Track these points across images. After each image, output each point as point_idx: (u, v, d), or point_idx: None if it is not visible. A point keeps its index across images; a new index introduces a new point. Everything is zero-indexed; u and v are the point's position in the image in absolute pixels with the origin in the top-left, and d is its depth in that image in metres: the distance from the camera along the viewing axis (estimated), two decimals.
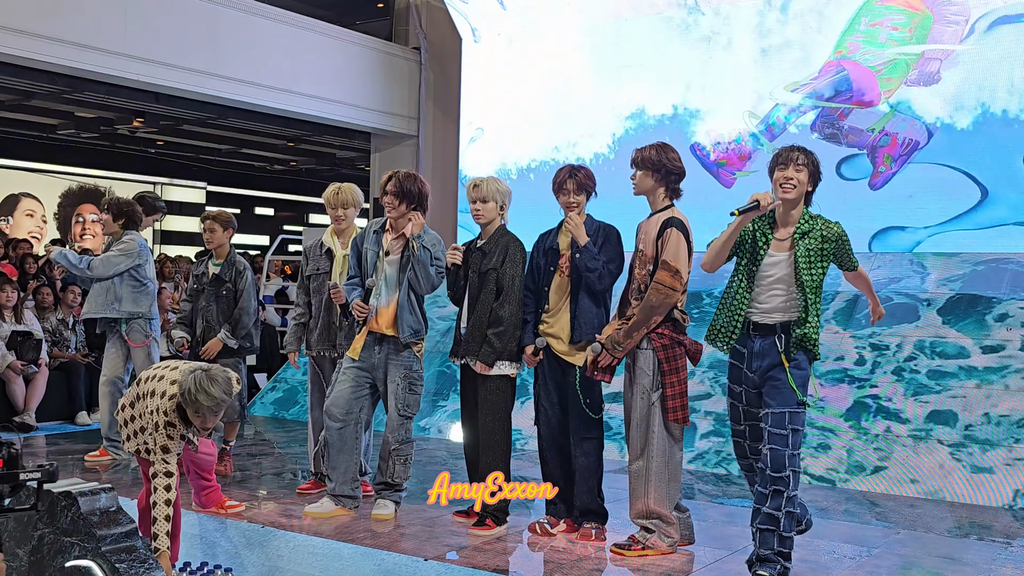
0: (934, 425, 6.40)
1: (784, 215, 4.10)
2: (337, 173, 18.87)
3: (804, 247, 4.04)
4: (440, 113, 12.48)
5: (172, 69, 9.92)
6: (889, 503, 5.76)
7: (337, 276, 5.46)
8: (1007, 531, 5.17)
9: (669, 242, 4.36)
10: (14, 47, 8.73)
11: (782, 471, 3.91)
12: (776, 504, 3.93)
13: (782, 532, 3.93)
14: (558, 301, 4.74)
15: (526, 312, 4.82)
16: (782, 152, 4.11)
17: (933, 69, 8.26)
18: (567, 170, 4.76)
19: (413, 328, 4.95)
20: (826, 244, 4.05)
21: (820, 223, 4.08)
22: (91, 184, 17.73)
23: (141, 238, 6.57)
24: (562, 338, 4.70)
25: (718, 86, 9.48)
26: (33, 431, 7.75)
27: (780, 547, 3.95)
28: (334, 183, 5.60)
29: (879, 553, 4.68)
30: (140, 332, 6.49)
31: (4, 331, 7.99)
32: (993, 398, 6.45)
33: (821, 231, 4.06)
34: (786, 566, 3.97)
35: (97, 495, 3.43)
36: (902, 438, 6.39)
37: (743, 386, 4.16)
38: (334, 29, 11.80)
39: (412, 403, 5.02)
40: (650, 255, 4.44)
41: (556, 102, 10.95)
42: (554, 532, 4.76)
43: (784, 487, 3.91)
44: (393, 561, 4.32)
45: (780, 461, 3.92)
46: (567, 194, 4.72)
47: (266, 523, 4.84)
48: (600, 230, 4.73)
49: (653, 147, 4.48)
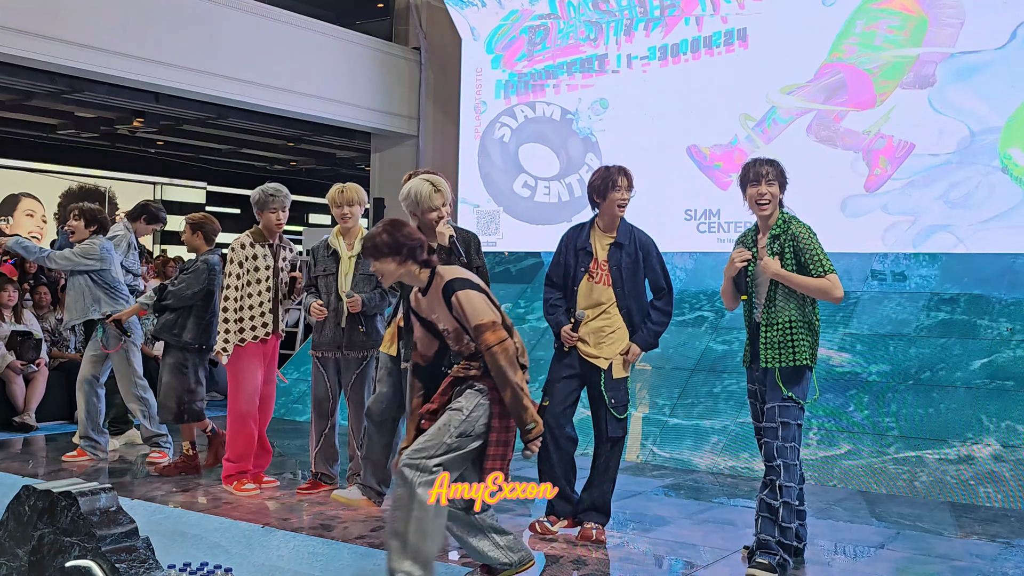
0: (934, 425, 6.40)
1: (764, 224, 4.32)
2: (337, 173, 18.87)
3: (771, 251, 4.24)
4: (440, 113, 12.49)
5: (172, 69, 9.92)
6: (889, 503, 5.77)
7: (343, 277, 5.48)
8: (1007, 531, 5.17)
9: (464, 307, 3.69)
10: (14, 47, 8.72)
11: (772, 461, 4.13)
12: (771, 493, 4.11)
13: (781, 522, 4.08)
14: (588, 306, 4.71)
15: (554, 298, 4.79)
16: (750, 168, 4.29)
17: (928, 72, 8.26)
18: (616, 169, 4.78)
19: None
20: (792, 243, 4.21)
21: (793, 225, 4.25)
22: (91, 184, 17.74)
23: (107, 243, 6.58)
24: (589, 342, 4.69)
25: (713, 88, 9.48)
26: (33, 431, 7.76)
27: (781, 537, 4.09)
28: (337, 183, 5.62)
29: (879, 553, 4.68)
30: (114, 336, 6.48)
31: (4, 331, 7.99)
32: (993, 398, 6.46)
33: (793, 231, 4.22)
34: (785, 558, 4.07)
35: (97, 495, 3.42)
36: (902, 438, 6.39)
37: (756, 384, 4.35)
38: (334, 29, 11.80)
39: None
40: (455, 327, 3.78)
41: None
42: (555, 531, 4.75)
43: (775, 476, 4.10)
44: None
45: (770, 451, 4.14)
46: (620, 190, 4.71)
47: (266, 523, 4.85)
48: (634, 239, 4.74)
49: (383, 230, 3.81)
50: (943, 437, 6.29)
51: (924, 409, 6.53)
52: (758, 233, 4.37)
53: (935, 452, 6.19)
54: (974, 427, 6.27)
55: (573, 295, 4.72)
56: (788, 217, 4.29)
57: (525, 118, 11.00)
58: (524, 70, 10.96)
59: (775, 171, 4.25)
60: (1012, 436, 6.11)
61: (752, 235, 4.39)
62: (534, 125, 10.89)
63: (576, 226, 4.89)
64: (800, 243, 4.19)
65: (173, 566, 3.85)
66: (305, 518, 5.08)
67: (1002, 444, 6.08)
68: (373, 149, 13.20)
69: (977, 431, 6.23)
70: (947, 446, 6.20)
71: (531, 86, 10.95)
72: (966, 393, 6.55)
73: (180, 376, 6.13)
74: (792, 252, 4.20)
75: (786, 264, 4.19)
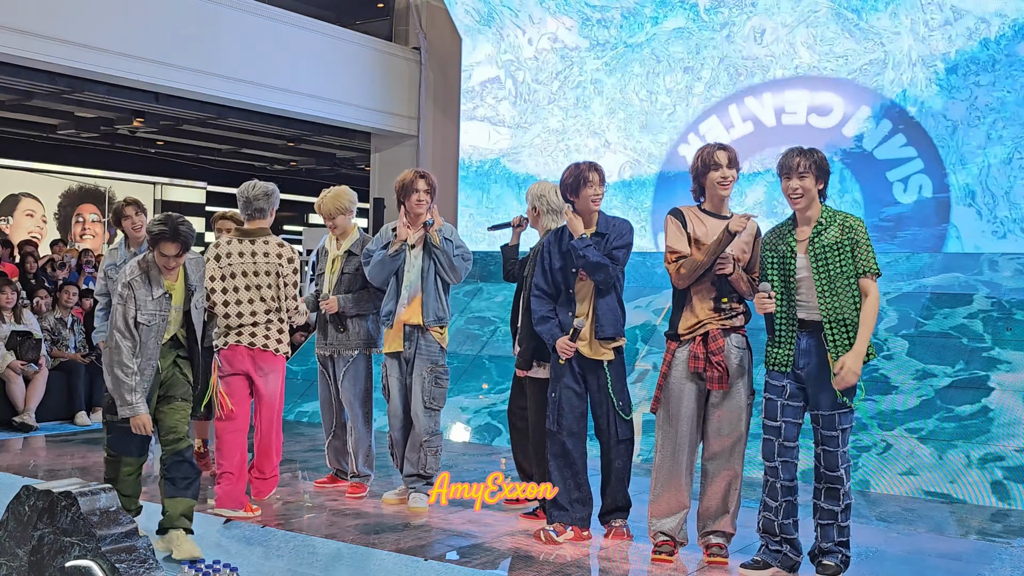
0: (934, 425, 6.40)
1: (802, 216, 4.14)
2: (337, 173, 18.86)
3: (820, 244, 4.06)
4: (440, 113, 12.48)
5: (172, 69, 9.92)
6: (889, 503, 5.76)
7: (328, 276, 5.58)
8: (1007, 531, 5.17)
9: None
10: (14, 47, 8.73)
11: (836, 470, 4.06)
12: (833, 501, 4.10)
13: (840, 523, 4.12)
14: (581, 303, 4.68)
15: (545, 310, 4.69)
16: (783, 160, 4.14)
17: None
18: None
19: (437, 315, 5.21)
20: (845, 235, 4.04)
21: (840, 217, 4.09)
22: (91, 184, 17.73)
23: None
24: (587, 341, 4.64)
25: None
26: (33, 431, 7.75)
27: (840, 537, 4.13)
28: (324, 190, 5.67)
29: (879, 553, 4.68)
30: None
31: (4, 331, 7.99)
32: (993, 398, 6.46)
33: (840, 224, 4.06)
34: (846, 554, 4.14)
35: (97, 495, 3.42)
36: (903, 438, 6.39)
37: (787, 380, 4.12)
38: (334, 29, 11.80)
39: (438, 396, 5.22)
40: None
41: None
42: (560, 541, 4.64)
43: (840, 484, 4.08)
44: (393, 561, 4.32)
45: (833, 460, 4.07)
46: (592, 186, 4.65)
47: (266, 523, 4.85)
48: (612, 226, 4.69)
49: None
50: (943, 436, 6.28)
51: (924, 408, 6.53)
52: (795, 226, 4.15)
53: (936, 451, 6.19)
54: (974, 426, 6.26)
55: (571, 298, 4.65)
56: (832, 209, 4.12)
57: None
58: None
59: (807, 162, 4.06)
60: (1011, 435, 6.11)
61: (790, 227, 4.16)
62: None
63: (553, 231, 4.80)
64: (858, 235, 4.03)
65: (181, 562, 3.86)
66: (305, 518, 5.08)
67: (1002, 444, 6.08)
68: (373, 149, 13.20)
69: (977, 430, 6.23)
70: (948, 445, 6.20)
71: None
72: (967, 391, 6.55)
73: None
74: (850, 243, 4.02)
75: (843, 255, 4.00)
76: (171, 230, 4.31)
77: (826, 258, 4.04)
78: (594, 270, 4.54)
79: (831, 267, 4.04)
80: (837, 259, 4.03)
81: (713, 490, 4.38)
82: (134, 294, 4.36)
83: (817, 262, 4.05)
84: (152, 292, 4.39)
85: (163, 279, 4.43)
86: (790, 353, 4.11)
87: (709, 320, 4.32)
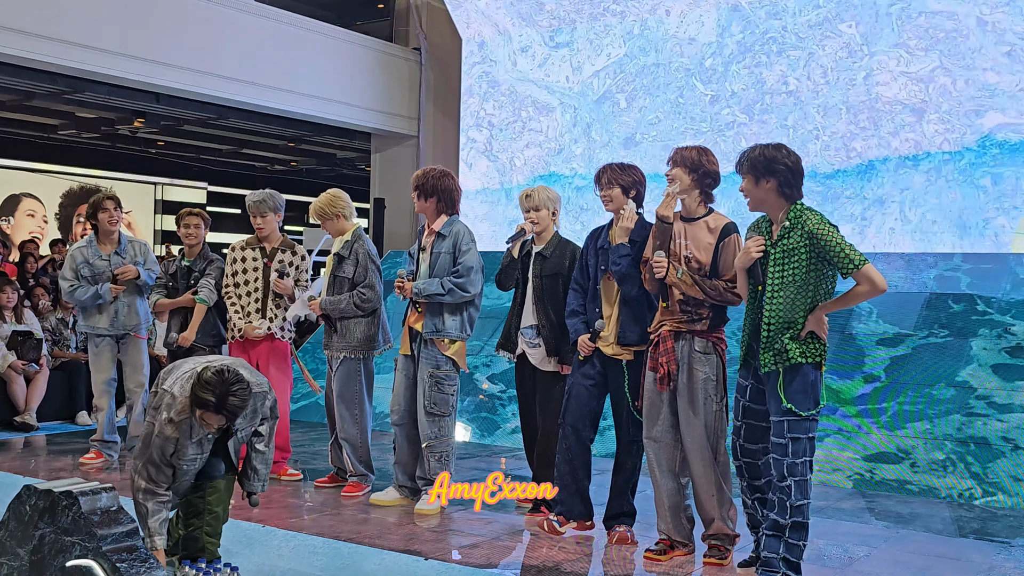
0: (934, 425, 6.40)
1: (772, 214, 4.01)
2: (337, 173, 18.87)
3: (782, 247, 3.92)
4: (440, 113, 12.49)
5: (173, 69, 9.93)
6: (889, 503, 5.76)
7: (323, 277, 5.73)
8: (1007, 531, 5.18)
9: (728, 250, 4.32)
10: (14, 47, 8.73)
11: (783, 480, 3.86)
12: (781, 512, 3.88)
13: (788, 539, 3.88)
14: (609, 303, 4.69)
15: (576, 304, 4.77)
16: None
17: None
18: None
19: (436, 327, 5.15)
20: (808, 240, 3.85)
21: (806, 218, 3.89)
22: (92, 184, 17.73)
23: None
24: (610, 339, 4.66)
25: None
26: (34, 431, 7.76)
27: (786, 554, 3.88)
28: (322, 193, 5.76)
29: (879, 553, 4.68)
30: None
31: (4, 331, 7.99)
32: (992, 398, 6.46)
33: (802, 229, 3.87)
34: (787, 574, 3.89)
35: (98, 495, 3.43)
36: (903, 437, 6.39)
37: (750, 381, 4.07)
38: (334, 30, 11.80)
39: (440, 402, 5.17)
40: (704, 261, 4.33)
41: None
42: (562, 531, 4.73)
43: (786, 496, 3.85)
44: (393, 561, 4.33)
45: (780, 470, 3.87)
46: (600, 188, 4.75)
47: (266, 523, 4.85)
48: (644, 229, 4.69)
49: (693, 148, 4.41)
50: (943, 436, 6.28)
51: (924, 408, 6.53)
52: (772, 224, 4.01)
53: (936, 451, 6.19)
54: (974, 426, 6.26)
55: (596, 294, 4.70)
56: (801, 208, 3.91)
57: None
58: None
59: (748, 162, 3.93)
60: (1011, 435, 6.12)
61: (766, 224, 4.02)
62: None
63: (599, 227, 4.87)
64: (820, 241, 3.81)
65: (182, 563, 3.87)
66: (305, 518, 5.09)
67: (1002, 444, 6.08)
68: (373, 149, 13.21)
69: (977, 430, 6.23)
70: (948, 445, 6.20)
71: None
72: (967, 391, 6.56)
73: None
74: (808, 250, 3.84)
75: (798, 262, 3.84)
76: (218, 401, 3.54)
77: (783, 263, 3.89)
78: (623, 280, 4.59)
79: (786, 272, 3.88)
80: (792, 264, 3.87)
81: (699, 496, 4.40)
82: (175, 448, 3.73)
83: (775, 265, 3.92)
84: (192, 435, 3.74)
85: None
86: (748, 352, 4.04)
87: (665, 321, 4.38)
